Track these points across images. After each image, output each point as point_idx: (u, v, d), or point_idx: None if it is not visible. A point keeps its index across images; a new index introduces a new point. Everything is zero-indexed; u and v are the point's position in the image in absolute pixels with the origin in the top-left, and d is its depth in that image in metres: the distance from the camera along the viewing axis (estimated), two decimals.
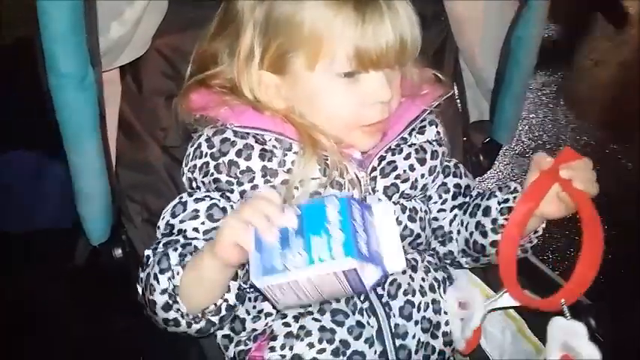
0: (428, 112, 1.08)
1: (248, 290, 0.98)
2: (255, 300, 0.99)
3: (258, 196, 0.84)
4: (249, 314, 0.98)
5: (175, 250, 0.91)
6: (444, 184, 1.10)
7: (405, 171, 1.03)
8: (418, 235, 1.04)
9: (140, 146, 1.14)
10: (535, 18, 1.15)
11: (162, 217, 0.98)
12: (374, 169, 1.03)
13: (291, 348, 0.92)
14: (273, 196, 0.83)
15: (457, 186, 1.11)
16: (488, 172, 1.59)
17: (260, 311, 0.98)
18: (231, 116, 0.98)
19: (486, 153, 1.35)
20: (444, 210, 1.10)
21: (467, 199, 1.11)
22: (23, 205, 2.13)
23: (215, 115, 0.99)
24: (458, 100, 1.36)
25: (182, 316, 0.90)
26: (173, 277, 0.89)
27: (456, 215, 1.10)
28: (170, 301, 0.89)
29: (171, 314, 0.89)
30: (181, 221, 0.95)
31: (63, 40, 0.87)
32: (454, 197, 1.10)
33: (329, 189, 0.97)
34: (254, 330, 0.97)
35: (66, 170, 0.98)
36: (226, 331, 1.00)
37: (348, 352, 0.93)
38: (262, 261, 0.78)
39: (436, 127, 1.11)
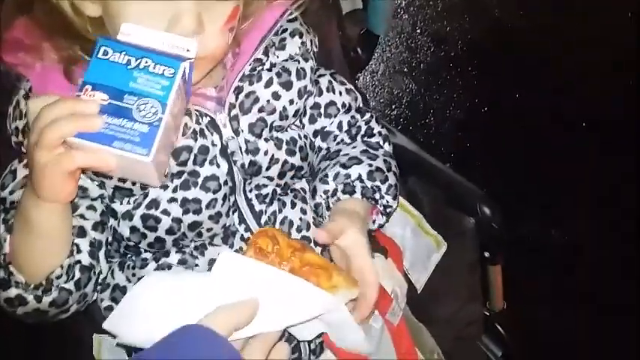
0: (285, 19, 0.90)
1: (120, 251, 0.89)
2: (134, 267, 0.89)
3: (40, 110, 0.67)
4: (130, 281, 0.88)
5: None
6: (317, 105, 0.98)
7: (268, 101, 0.89)
8: (301, 167, 0.94)
9: None
10: None
11: None
12: (232, 105, 0.88)
13: None
14: (50, 99, 0.68)
15: (331, 103, 0.99)
16: None
17: (140, 278, 0.83)
18: (40, 84, 0.81)
19: (364, 45, 1.29)
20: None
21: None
22: None
23: (26, 75, 0.83)
24: None
25: (25, 289, 0.78)
26: (1, 247, 0.77)
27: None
28: (5, 275, 0.77)
29: (12, 291, 0.78)
30: (12, 192, 0.83)
31: None
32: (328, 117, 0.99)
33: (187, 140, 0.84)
34: None
35: None
36: (108, 302, 0.90)
37: None
38: (125, 144, 0.65)
39: (300, 37, 0.94)
